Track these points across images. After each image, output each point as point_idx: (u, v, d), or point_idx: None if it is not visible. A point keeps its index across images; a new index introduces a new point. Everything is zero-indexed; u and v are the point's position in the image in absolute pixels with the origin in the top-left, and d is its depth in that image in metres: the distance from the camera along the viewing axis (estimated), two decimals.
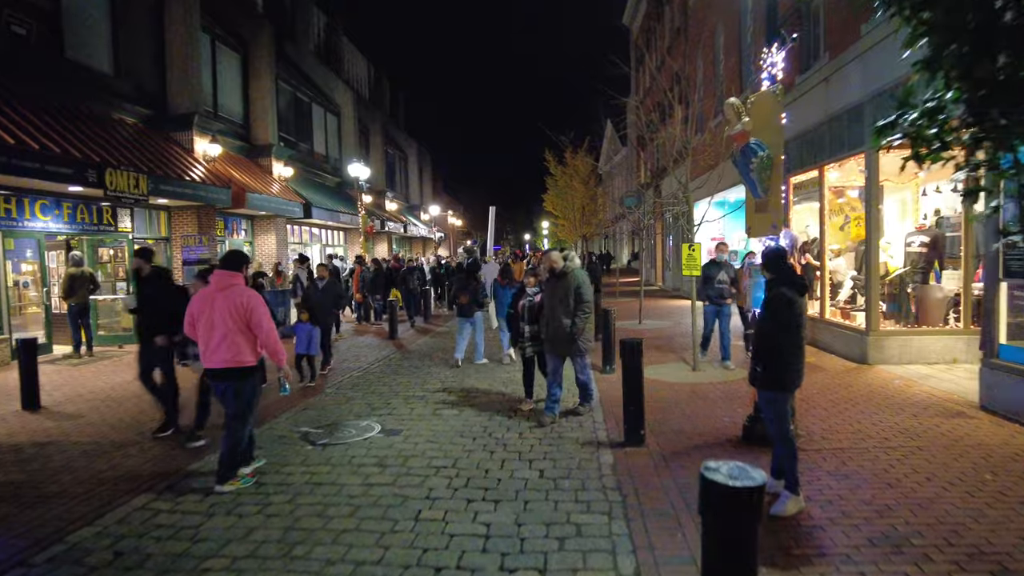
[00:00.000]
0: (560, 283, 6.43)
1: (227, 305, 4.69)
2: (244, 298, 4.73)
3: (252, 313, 4.71)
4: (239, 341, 4.71)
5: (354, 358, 11.03)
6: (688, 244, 8.96)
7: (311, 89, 25.04)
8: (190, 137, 15.16)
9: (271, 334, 4.80)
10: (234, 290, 4.76)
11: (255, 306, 4.74)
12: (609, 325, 8.88)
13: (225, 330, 4.69)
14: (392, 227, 30.45)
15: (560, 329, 6.43)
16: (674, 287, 24.20)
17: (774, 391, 4.11)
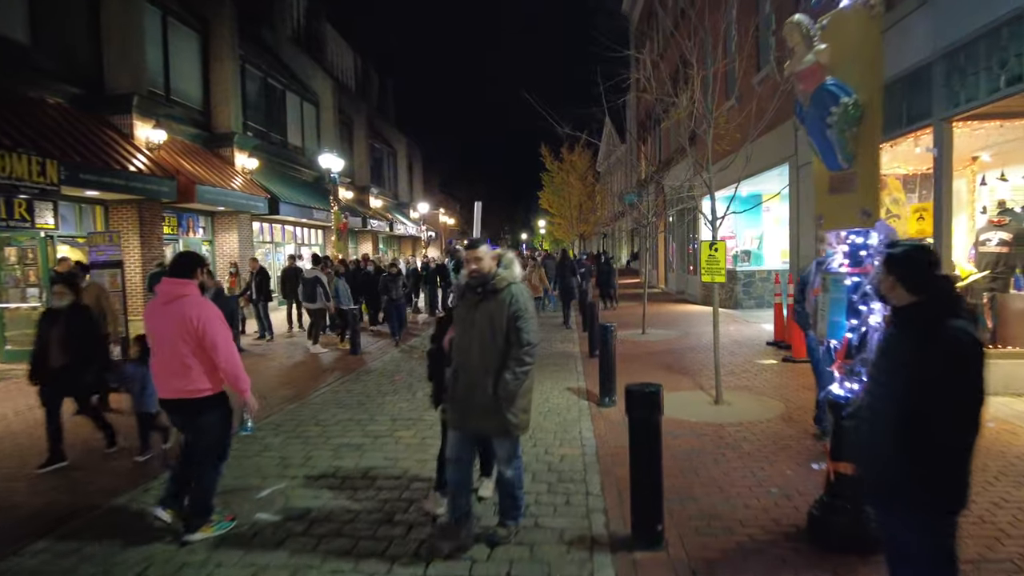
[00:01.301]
0: (485, 305, 3.77)
1: (174, 321, 3.84)
2: (195, 311, 3.85)
3: (205, 330, 3.83)
4: (191, 365, 3.86)
5: (292, 382, 9.16)
6: (710, 243, 7.08)
7: (286, 76, 23.15)
8: (129, 121, 13.26)
9: (230, 356, 3.92)
10: (183, 302, 3.88)
11: (208, 321, 3.86)
12: (608, 341, 7.01)
13: (173, 352, 3.85)
14: (376, 225, 28.55)
15: (479, 387, 3.72)
16: (678, 290, 22.37)
17: (936, 512, 2.25)
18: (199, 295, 3.98)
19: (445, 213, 49.01)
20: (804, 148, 10.61)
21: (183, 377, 3.85)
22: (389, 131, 38.28)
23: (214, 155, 16.97)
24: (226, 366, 3.89)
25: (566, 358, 10.25)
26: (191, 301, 3.89)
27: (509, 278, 3.79)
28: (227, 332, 3.97)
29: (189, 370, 3.84)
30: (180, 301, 3.87)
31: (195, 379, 3.87)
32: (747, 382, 8.07)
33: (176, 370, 3.85)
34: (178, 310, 3.84)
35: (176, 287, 3.92)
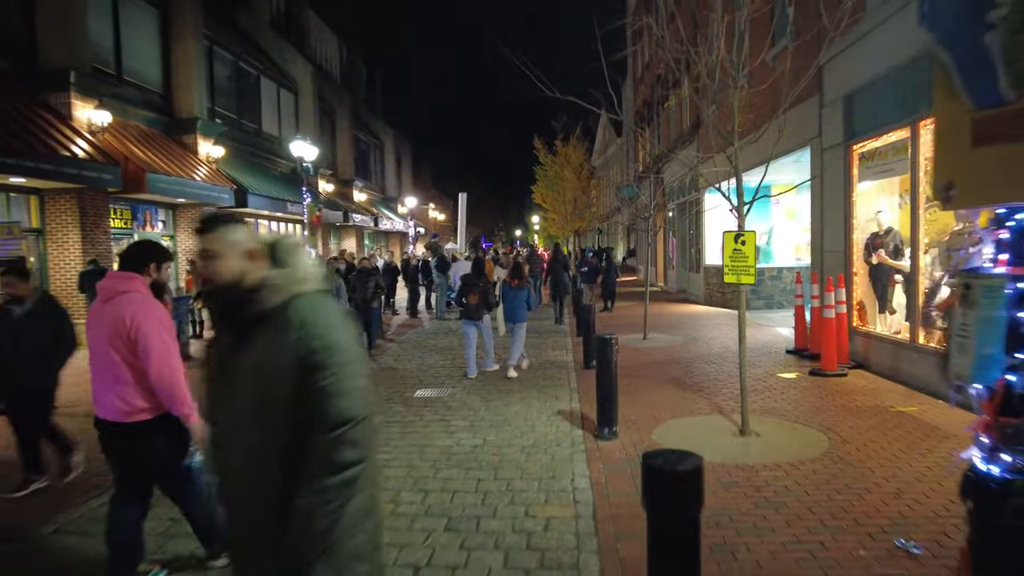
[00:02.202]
0: (247, 352, 1.83)
1: (108, 324, 3.08)
2: (129, 310, 3.06)
3: (139, 333, 3.04)
4: (126, 379, 3.07)
5: None
6: (736, 234, 5.69)
7: (261, 60, 21.66)
8: (66, 100, 11.79)
9: (165, 369, 3.06)
10: (121, 300, 3.10)
11: (142, 322, 3.05)
12: (608, 358, 5.61)
13: (106, 360, 3.08)
14: (360, 220, 27.10)
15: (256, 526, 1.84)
16: (679, 289, 21.03)
17: None
18: (143, 294, 3.16)
19: (436, 208, 47.53)
20: (831, 129, 9.24)
21: (116, 393, 3.08)
22: (376, 123, 36.81)
23: (175, 142, 15.51)
24: (159, 380, 3.03)
25: (557, 369, 8.86)
26: (129, 299, 3.09)
27: (292, 285, 1.85)
28: (167, 339, 3.12)
29: (123, 384, 3.07)
30: (118, 299, 3.10)
31: (129, 396, 3.07)
32: (772, 402, 6.70)
33: (108, 383, 3.09)
34: (114, 309, 3.08)
35: (117, 282, 3.16)
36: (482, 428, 6.05)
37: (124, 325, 3.02)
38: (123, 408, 3.06)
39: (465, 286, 8.60)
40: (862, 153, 8.53)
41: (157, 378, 3.02)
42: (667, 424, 5.98)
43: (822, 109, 9.56)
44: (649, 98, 26.27)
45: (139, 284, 3.16)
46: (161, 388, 3.03)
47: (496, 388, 7.81)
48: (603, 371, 5.52)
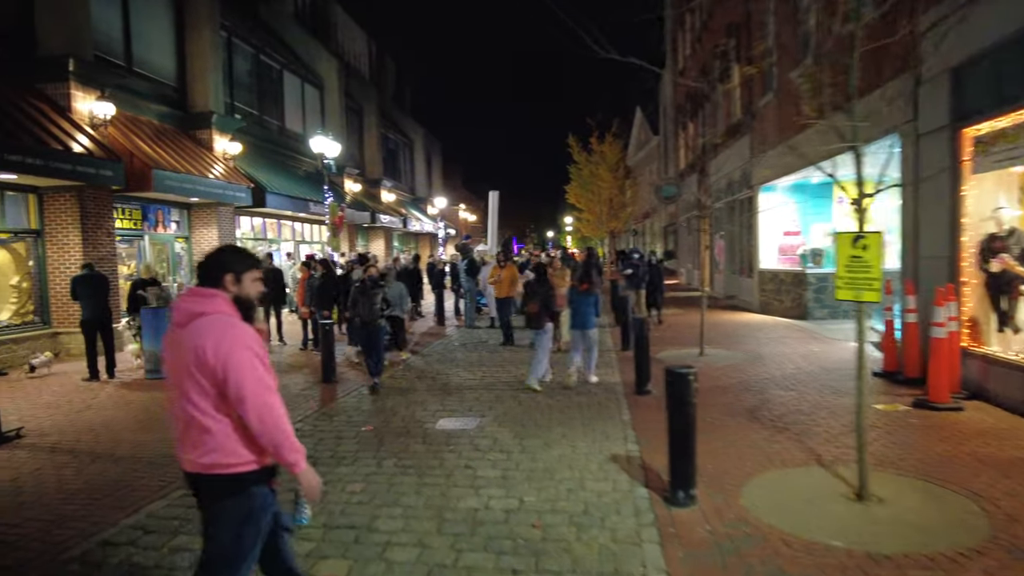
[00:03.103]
0: None
1: (186, 355, 2.33)
2: (210, 340, 2.32)
3: (227, 370, 2.30)
4: (207, 424, 2.35)
5: None
6: (854, 236, 4.29)
7: (284, 54, 20.78)
8: (65, 90, 10.89)
9: (265, 410, 2.34)
10: (198, 326, 2.37)
11: (230, 354, 2.31)
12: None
13: (185, 401, 2.35)
14: (387, 221, 26.11)
15: None
16: (727, 294, 19.48)
17: None
18: (226, 315, 2.45)
19: (466, 209, 46.49)
20: (931, 110, 7.74)
21: (200, 439, 2.39)
22: (405, 122, 35.89)
23: (189, 138, 14.61)
24: (260, 426, 2.37)
25: (603, 394, 7.55)
26: (209, 324, 2.40)
27: None
28: (263, 373, 2.41)
29: (205, 430, 2.38)
30: (196, 324, 2.41)
31: (216, 443, 2.39)
32: (879, 446, 5.30)
33: (189, 429, 2.41)
34: (190, 338, 2.38)
35: (193, 301, 2.48)
36: (517, 481, 4.78)
37: (206, 359, 2.31)
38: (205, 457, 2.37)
39: (528, 294, 8.33)
40: (978, 137, 7.03)
41: (258, 423, 2.33)
42: (756, 481, 4.64)
43: (918, 88, 8.06)
44: (692, 91, 24.70)
45: (221, 303, 2.44)
46: (264, 434, 2.36)
47: (532, 419, 6.54)
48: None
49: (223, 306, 2.43)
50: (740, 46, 16.93)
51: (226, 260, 2.52)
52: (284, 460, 2.43)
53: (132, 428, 6.61)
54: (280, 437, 2.38)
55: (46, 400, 7.94)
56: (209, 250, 2.65)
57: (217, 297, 2.44)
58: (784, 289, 14.57)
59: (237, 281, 2.50)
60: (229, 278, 2.48)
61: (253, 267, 2.56)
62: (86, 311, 9.10)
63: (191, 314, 2.41)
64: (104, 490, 4.84)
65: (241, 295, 2.50)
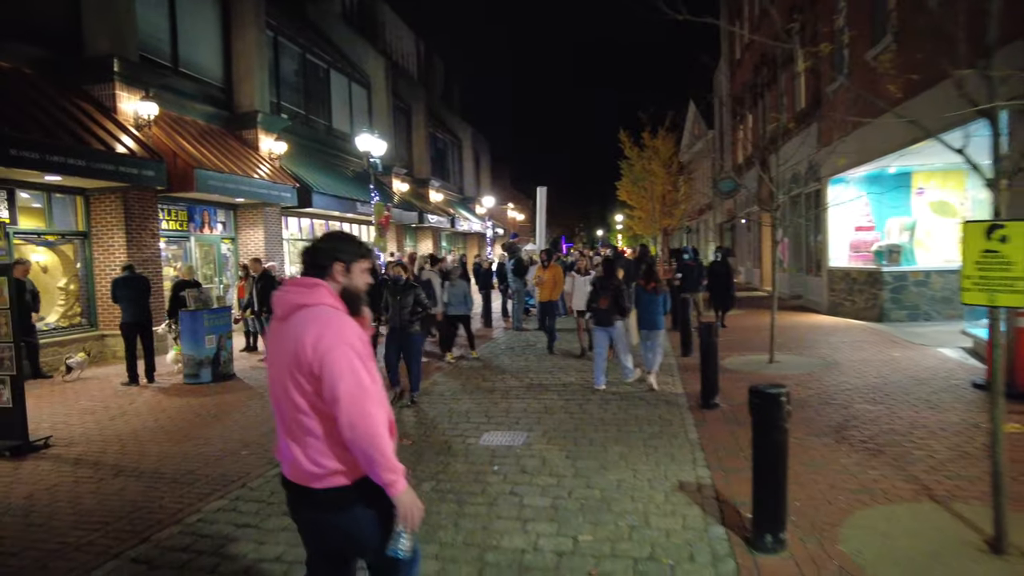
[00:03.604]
0: None
1: (287, 351, 2.13)
2: (312, 332, 2.09)
3: (323, 366, 2.06)
4: (311, 428, 2.12)
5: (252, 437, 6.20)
6: (990, 224, 3.45)
7: (331, 53, 20.64)
8: (111, 91, 10.80)
9: (359, 415, 2.04)
10: (300, 318, 2.15)
11: (328, 350, 2.07)
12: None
13: (288, 403, 2.14)
14: (435, 221, 25.79)
15: None
16: (792, 294, 18.33)
17: None
18: (330, 307, 2.17)
19: (515, 208, 45.99)
20: None
21: (299, 446, 2.13)
22: (453, 121, 35.61)
23: (234, 138, 14.49)
24: (352, 433, 2.04)
25: (665, 407, 6.84)
26: (312, 316, 2.13)
27: None
28: (363, 375, 2.09)
29: (307, 435, 2.12)
30: (297, 317, 2.16)
31: (317, 453, 2.11)
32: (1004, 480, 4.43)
33: (290, 433, 2.16)
34: (291, 332, 2.13)
35: (295, 292, 2.21)
36: (570, 513, 4.15)
37: (305, 354, 2.08)
38: (308, 469, 2.12)
39: (596, 289, 7.85)
40: None
41: (349, 430, 2.05)
42: (856, 520, 3.88)
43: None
44: (750, 80, 23.52)
45: (324, 294, 2.21)
46: (355, 443, 2.06)
47: (585, 435, 5.90)
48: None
49: (327, 297, 2.20)
50: (806, 29, 15.85)
51: (335, 248, 2.29)
52: (378, 479, 2.10)
53: (161, 439, 6.27)
54: (373, 450, 2.05)
55: (83, 405, 7.74)
56: (324, 235, 2.44)
57: (320, 288, 2.21)
58: (857, 289, 13.47)
59: (347, 271, 2.28)
60: (338, 267, 2.26)
61: (363, 256, 2.33)
62: (126, 314, 8.91)
63: (293, 306, 2.19)
64: (118, 512, 4.44)
65: (349, 286, 2.28)
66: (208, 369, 8.92)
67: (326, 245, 2.32)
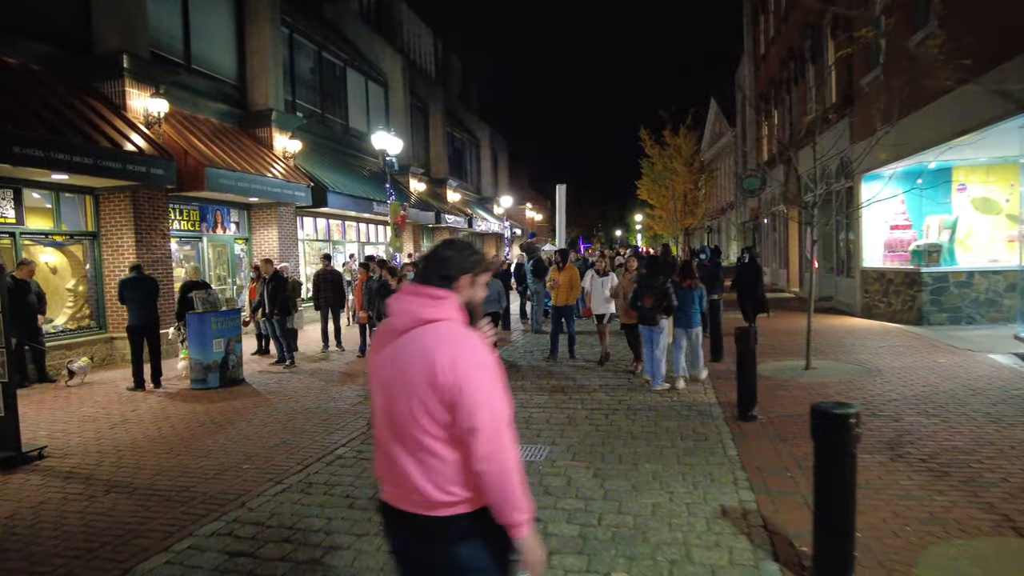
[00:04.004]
0: None
1: (409, 366, 1.93)
2: (446, 355, 1.88)
3: (462, 392, 1.87)
4: (437, 451, 1.92)
5: (269, 449, 5.80)
6: None
7: (347, 51, 20.36)
8: (120, 88, 10.54)
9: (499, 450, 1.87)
10: (428, 334, 1.94)
11: (468, 375, 1.87)
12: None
13: (404, 422, 1.94)
14: (453, 221, 25.43)
15: None
16: (821, 296, 17.66)
17: None
18: (458, 322, 1.98)
19: (533, 208, 45.54)
20: None
21: (420, 470, 1.91)
22: (471, 121, 35.25)
23: (248, 136, 14.23)
24: (486, 467, 1.84)
25: (699, 419, 6.34)
26: (445, 334, 1.92)
27: None
28: (502, 404, 1.90)
29: (431, 459, 1.90)
30: (424, 332, 1.93)
31: (440, 478, 1.90)
32: None
33: (409, 453, 1.93)
34: (417, 348, 1.91)
35: (419, 303, 1.97)
36: (601, 545, 3.70)
37: (438, 376, 1.88)
38: (430, 495, 1.92)
39: (640, 287, 7.77)
40: None
41: (484, 462, 1.86)
42: (932, 558, 3.38)
43: None
44: (776, 76, 22.85)
45: (452, 308, 2.02)
46: (487, 476, 1.87)
47: (613, 450, 5.44)
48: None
49: (454, 312, 2.01)
50: (838, 19, 15.22)
51: (464, 258, 2.10)
52: (506, 518, 1.91)
53: (160, 449, 5.91)
54: (506, 486, 1.89)
55: (85, 412, 7.43)
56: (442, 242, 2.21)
57: (448, 301, 2.01)
58: (893, 290, 12.83)
59: (472, 283, 2.10)
60: (465, 280, 2.07)
61: (487, 268, 2.17)
62: (133, 316, 8.61)
63: (417, 319, 1.98)
64: (104, 536, 4.07)
65: (472, 300, 2.10)
66: (216, 374, 8.58)
67: (454, 254, 2.09)
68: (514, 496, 1.89)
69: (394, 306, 2.04)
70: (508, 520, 1.90)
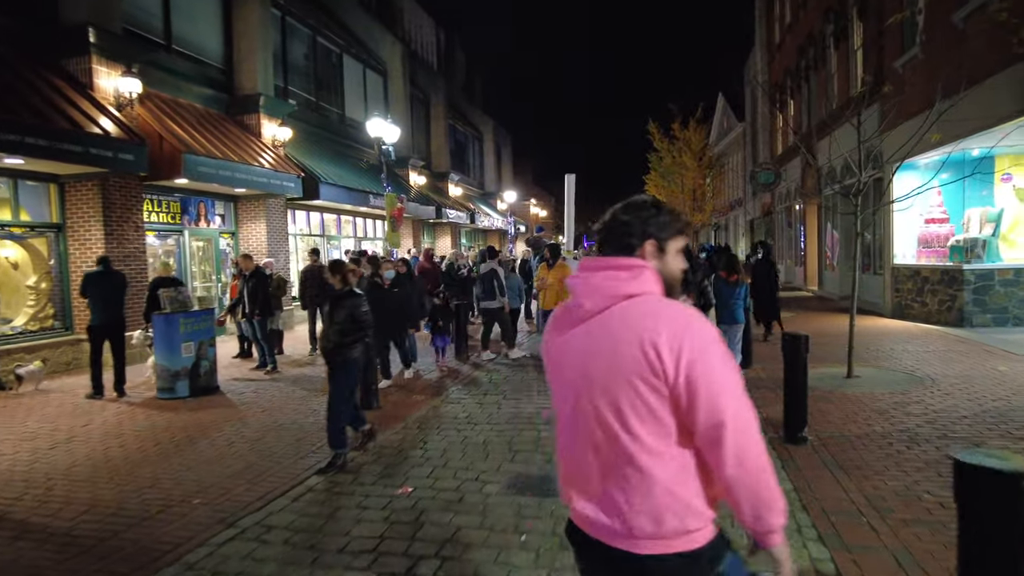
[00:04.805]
0: None
1: (616, 358, 1.52)
2: (665, 331, 1.47)
3: (695, 374, 1.45)
4: (652, 468, 1.49)
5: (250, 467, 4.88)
6: None
7: (344, 38, 19.42)
8: (87, 66, 9.61)
9: (749, 442, 1.46)
10: (632, 309, 1.54)
11: (704, 354, 1.47)
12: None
13: (606, 435, 1.53)
14: (454, 216, 24.49)
15: None
16: (842, 295, 16.67)
17: None
18: (662, 295, 1.62)
19: (537, 204, 44.59)
20: None
21: (628, 493, 1.52)
22: (474, 114, 34.28)
23: (234, 123, 13.30)
24: (736, 470, 1.46)
25: None
26: (650, 308, 1.55)
27: None
28: (743, 391, 1.51)
29: (645, 478, 1.50)
30: (627, 309, 1.56)
31: (659, 504, 1.50)
32: None
33: (610, 471, 1.55)
34: (625, 330, 1.53)
35: (610, 276, 1.60)
36: None
37: (658, 359, 1.46)
38: (643, 526, 1.49)
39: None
40: None
41: (735, 464, 1.45)
42: None
43: None
44: (793, 65, 21.84)
45: (651, 280, 1.59)
46: (740, 482, 1.47)
47: None
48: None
49: (655, 285, 1.59)
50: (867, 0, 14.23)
51: (646, 220, 1.64)
52: (763, 524, 1.50)
53: (100, 477, 4.99)
54: (765, 489, 1.49)
55: (29, 427, 6.51)
56: (616, 206, 1.74)
57: (647, 271, 1.59)
58: (929, 289, 11.85)
59: (660, 251, 1.65)
60: (650, 247, 1.63)
61: (680, 232, 1.68)
62: (95, 314, 7.69)
63: (613, 295, 1.57)
64: None
65: (664, 272, 1.64)
66: (185, 382, 7.66)
67: (633, 217, 1.69)
68: (772, 496, 1.52)
69: (578, 285, 1.66)
70: (765, 526, 1.52)
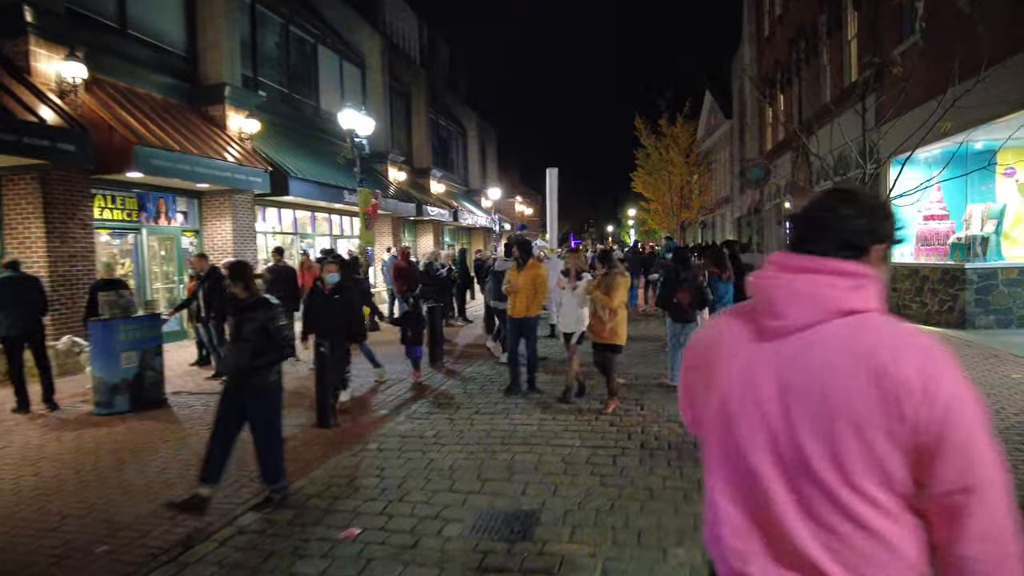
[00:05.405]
0: None
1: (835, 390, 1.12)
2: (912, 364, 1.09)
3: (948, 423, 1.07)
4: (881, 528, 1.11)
5: None
6: None
7: (319, 27, 18.62)
8: (24, 48, 8.80)
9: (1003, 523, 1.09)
10: (867, 333, 1.14)
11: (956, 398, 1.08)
12: None
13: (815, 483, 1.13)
14: (436, 213, 23.75)
15: None
16: None
17: None
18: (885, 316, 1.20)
19: (523, 202, 43.92)
20: None
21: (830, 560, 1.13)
22: (458, 110, 33.53)
23: (198, 114, 12.50)
24: (978, 548, 1.10)
25: None
26: (896, 334, 1.15)
27: None
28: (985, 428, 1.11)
29: (857, 540, 1.12)
30: (850, 330, 1.16)
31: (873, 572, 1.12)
32: None
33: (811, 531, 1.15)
34: (836, 355, 1.14)
35: (830, 287, 1.18)
36: None
37: (904, 402, 1.10)
38: None
39: (668, 282, 7.19)
40: None
41: (979, 542, 1.11)
42: None
43: None
44: (785, 58, 21.32)
45: (877, 292, 1.23)
46: (982, 567, 1.11)
47: (626, 515, 3.86)
48: None
49: (880, 301, 1.23)
50: None
51: (877, 219, 1.24)
52: None
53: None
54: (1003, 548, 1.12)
55: None
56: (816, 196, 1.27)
57: (872, 282, 1.21)
58: (929, 289, 11.33)
59: (884, 259, 1.27)
60: (877, 253, 1.24)
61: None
62: (7, 324, 6.85)
63: (825, 308, 1.18)
64: None
65: None
66: (125, 396, 6.89)
67: (862, 211, 1.21)
68: None
69: (774, 288, 1.21)
70: None
